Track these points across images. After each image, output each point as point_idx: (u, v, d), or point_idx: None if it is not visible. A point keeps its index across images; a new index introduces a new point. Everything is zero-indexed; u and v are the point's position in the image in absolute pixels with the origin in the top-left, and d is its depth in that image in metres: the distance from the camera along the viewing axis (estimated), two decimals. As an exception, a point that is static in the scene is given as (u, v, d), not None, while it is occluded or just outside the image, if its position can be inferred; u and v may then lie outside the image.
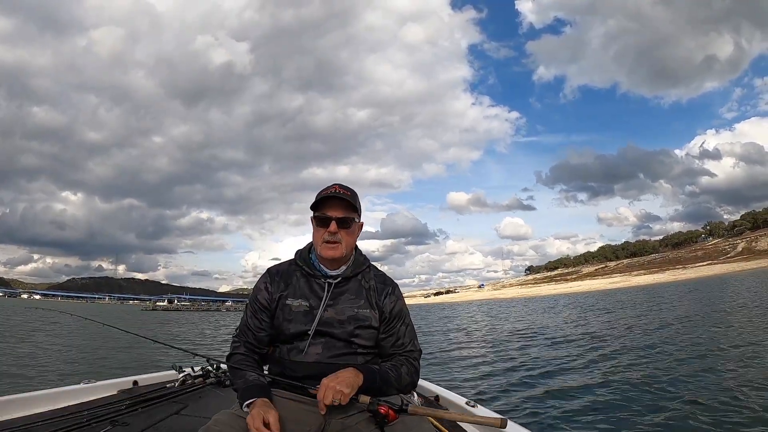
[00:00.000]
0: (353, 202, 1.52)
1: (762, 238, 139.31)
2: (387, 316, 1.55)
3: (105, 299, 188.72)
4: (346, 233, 1.53)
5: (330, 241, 1.51)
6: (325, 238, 1.51)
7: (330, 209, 1.52)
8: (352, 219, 1.53)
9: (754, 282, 37.92)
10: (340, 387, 1.31)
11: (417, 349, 1.60)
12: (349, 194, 1.53)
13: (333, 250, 1.51)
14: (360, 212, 1.58)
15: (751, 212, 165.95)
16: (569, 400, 5.41)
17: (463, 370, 8.24)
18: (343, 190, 1.54)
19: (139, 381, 2.78)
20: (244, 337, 1.56)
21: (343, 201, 1.51)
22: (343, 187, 1.56)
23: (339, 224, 1.51)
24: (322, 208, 1.53)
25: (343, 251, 1.53)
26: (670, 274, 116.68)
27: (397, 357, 1.55)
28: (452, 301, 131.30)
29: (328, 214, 1.51)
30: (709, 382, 5.67)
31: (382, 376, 1.44)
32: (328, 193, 1.52)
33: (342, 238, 1.52)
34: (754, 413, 4.32)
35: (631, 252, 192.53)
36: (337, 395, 1.30)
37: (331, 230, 1.50)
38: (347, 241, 1.53)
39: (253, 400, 1.36)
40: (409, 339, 1.58)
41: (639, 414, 4.67)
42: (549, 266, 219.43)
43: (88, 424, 1.92)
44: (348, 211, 1.52)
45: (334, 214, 1.51)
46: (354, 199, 1.54)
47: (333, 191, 1.52)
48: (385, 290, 1.59)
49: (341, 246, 1.52)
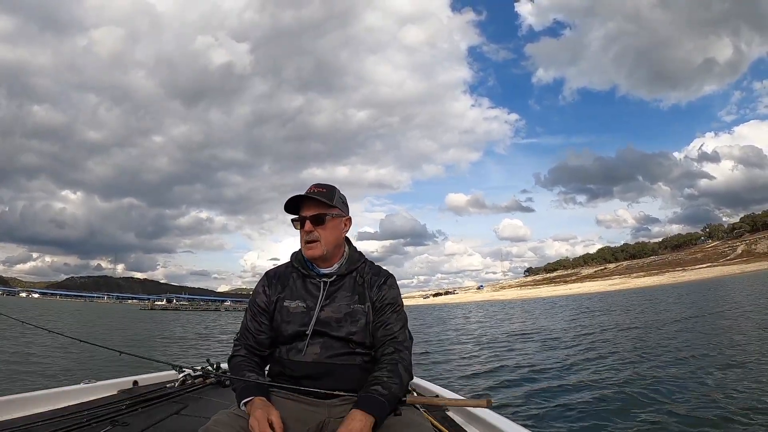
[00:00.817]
0: (326, 199, 1.53)
1: (761, 241, 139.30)
2: (378, 305, 1.55)
3: (103, 298, 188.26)
4: (323, 230, 1.53)
5: (309, 241, 1.53)
6: (305, 239, 1.54)
7: (304, 209, 1.55)
8: (325, 215, 1.53)
9: (758, 284, 37.82)
10: None
11: (408, 338, 1.58)
12: (324, 191, 1.55)
13: (312, 250, 1.53)
14: (343, 207, 1.60)
15: (750, 215, 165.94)
16: (566, 400, 5.42)
17: (463, 370, 8.28)
18: (318, 188, 1.56)
19: (139, 381, 2.78)
20: (245, 340, 1.57)
21: (314, 200, 1.52)
22: (319, 185, 1.58)
23: (313, 222, 1.52)
24: (299, 210, 1.56)
25: (322, 249, 1.53)
26: (670, 276, 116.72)
27: (389, 354, 1.48)
28: (452, 302, 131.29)
29: (301, 215, 1.55)
30: (697, 386, 5.67)
31: (390, 399, 1.37)
32: (301, 194, 1.54)
33: (320, 235, 1.52)
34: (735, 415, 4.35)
35: (630, 254, 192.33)
36: None
37: (306, 229, 1.53)
38: (326, 237, 1.54)
39: (250, 399, 1.37)
40: (399, 326, 1.54)
41: (624, 413, 4.75)
42: (548, 268, 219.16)
43: (88, 424, 1.91)
44: (321, 208, 1.53)
45: (307, 212, 1.54)
46: (327, 196, 1.54)
47: (306, 193, 1.54)
48: (378, 281, 1.59)
49: (320, 244, 1.53)
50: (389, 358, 1.48)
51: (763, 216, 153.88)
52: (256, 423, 1.28)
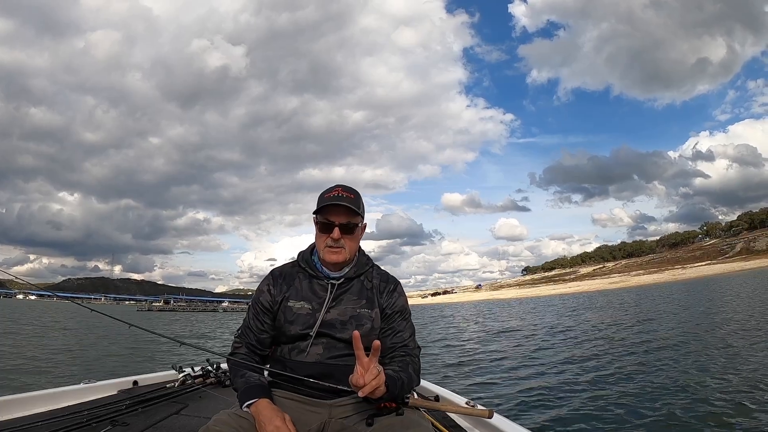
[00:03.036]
0: (356, 207, 1.50)
1: (760, 238, 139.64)
2: (388, 312, 1.55)
3: (101, 299, 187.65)
4: (350, 239, 1.52)
5: (333, 247, 1.50)
6: (328, 243, 1.51)
7: (333, 214, 1.50)
8: (355, 224, 1.52)
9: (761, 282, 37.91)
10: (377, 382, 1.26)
11: (417, 346, 1.59)
12: (353, 197, 1.51)
13: (336, 255, 1.51)
14: (363, 214, 1.57)
15: (747, 212, 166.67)
16: (566, 401, 5.44)
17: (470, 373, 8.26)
18: (347, 193, 1.51)
19: (139, 381, 2.78)
20: (246, 339, 1.56)
21: (345, 206, 1.49)
22: (346, 189, 1.53)
23: (342, 230, 1.49)
24: (325, 212, 1.51)
25: (346, 256, 1.52)
26: (670, 274, 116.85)
27: (400, 357, 1.51)
28: (451, 301, 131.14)
29: (331, 220, 1.50)
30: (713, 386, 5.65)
31: (398, 384, 1.38)
32: (332, 199, 1.49)
33: (345, 243, 1.51)
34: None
35: (627, 252, 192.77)
36: (373, 389, 1.26)
37: (334, 236, 1.49)
38: (350, 246, 1.52)
39: (254, 400, 1.36)
40: (409, 334, 1.56)
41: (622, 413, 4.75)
42: (546, 267, 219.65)
43: (88, 424, 1.91)
44: (351, 216, 1.50)
45: (337, 219, 1.49)
46: (357, 203, 1.51)
47: (336, 194, 1.50)
48: (387, 288, 1.59)
49: (345, 251, 1.51)
50: (400, 359, 1.50)
51: (761, 214, 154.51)
52: (275, 430, 1.28)
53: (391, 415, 1.37)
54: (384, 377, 1.29)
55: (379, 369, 1.28)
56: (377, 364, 1.29)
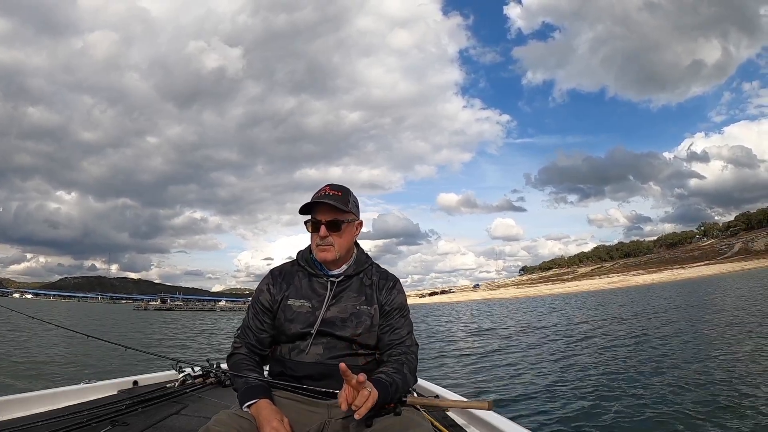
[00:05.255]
0: (343, 204, 1.51)
1: (758, 239, 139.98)
2: (387, 309, 1.55)
3: (98, 298, 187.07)
4: (338, 236, 1.52)
5: (322, 244, 1.52)
6: (317, 242, 1.52)
7: (319, 213, 1.52)
8: (341, 221, 1.52)
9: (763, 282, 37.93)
10: (368, 403, 1.23)
11: (414, 343, 1.59)
12: (339, 195, 1.52)
13: (325, 252, 1.52)
14: (356, 211, 1.57)
15: (745, 213, 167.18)
16: (566, 402, 5.46)
17: (472, 369, 8.30)
18: (333, 191, 1.53)
19: (139, 381, 2.78)
20: (246, 338, 1.56)
21: (330, 204, 1.49)
22: (334, 187, 1.55)
23: (329, 228, 1.51)
24: (313, 211, 1.53)
25: (336, 253, 1.52)
26: (670, 273, 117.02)
27: (396, 355, 1.51)
28: (449, 301, 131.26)
29: (317, 218, 1.52)
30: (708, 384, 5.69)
31: (393, 388, 1.37)
32: (316, 197, 1.51)
33: (334, 240, 1.51)
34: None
35: (625, 252, 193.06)
36: (361, 409, 1.22)
37: (321, 234, 1.50)
38: (340, 242, 1.53)
39: (254, 401, 1.36)
40: (407, 332, 1.56)
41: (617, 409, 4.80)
42: (543, 266, 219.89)
43: (88, 424, 1.91)
44: (337, 213, 1.51)
45: (323, 217, 1.51)
46: (344, 201, 1.52)
47: (323, 194, 1.51)
48: (386, 285, 1.59)
49: (333, 249, 1.52)
50: (395, 359, 1.50)
51: (758, 214, 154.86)
52: (272, 431, 1.28)
53: (389, 415, 1.37)
54: (375, 396, 1.25)
55: (369, 390, 1.24)
56: (367, 385, 1.25)
